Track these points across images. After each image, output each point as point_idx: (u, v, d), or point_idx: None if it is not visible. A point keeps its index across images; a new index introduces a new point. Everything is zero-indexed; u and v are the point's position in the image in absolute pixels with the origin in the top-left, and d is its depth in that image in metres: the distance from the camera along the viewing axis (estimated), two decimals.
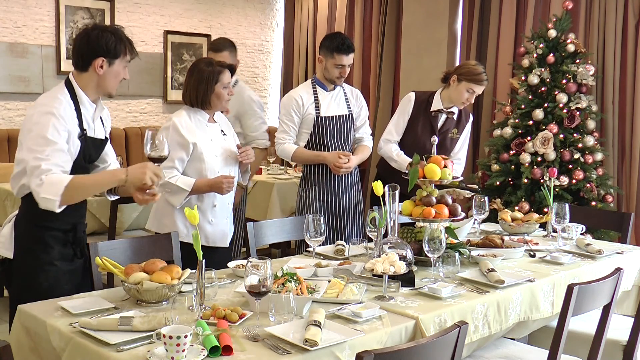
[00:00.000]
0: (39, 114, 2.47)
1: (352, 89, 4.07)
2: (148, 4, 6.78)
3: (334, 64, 3.81)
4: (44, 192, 2.37)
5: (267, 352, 1.91)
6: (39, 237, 2.58)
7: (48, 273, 2.58)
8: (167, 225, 3.24)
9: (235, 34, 7.50)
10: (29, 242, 2.58)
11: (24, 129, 2.50)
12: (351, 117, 3.97)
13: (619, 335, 2.96)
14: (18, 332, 2.23)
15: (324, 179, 3.90)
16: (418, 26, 6.20)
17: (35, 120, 2.45)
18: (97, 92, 2.63)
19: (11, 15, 5.93)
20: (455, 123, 4.07)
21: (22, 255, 2.59)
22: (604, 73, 5.11)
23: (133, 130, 6.59)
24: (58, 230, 2.61)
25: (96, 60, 2.55)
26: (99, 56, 2.55)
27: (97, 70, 2.56)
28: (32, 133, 2.44)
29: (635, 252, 3.34)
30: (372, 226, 2.88)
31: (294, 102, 3.86)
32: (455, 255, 2.77)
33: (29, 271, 2.57)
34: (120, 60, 2.60)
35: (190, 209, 2.27)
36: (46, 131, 2.43)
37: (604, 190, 4.77)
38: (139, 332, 1.99)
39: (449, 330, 1.89)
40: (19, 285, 2.59)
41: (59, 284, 2.58)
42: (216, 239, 3.31)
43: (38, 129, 2.44)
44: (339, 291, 2.40)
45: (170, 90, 7.00)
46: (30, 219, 2.58)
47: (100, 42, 2.55)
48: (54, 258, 2.60)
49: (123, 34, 2.63)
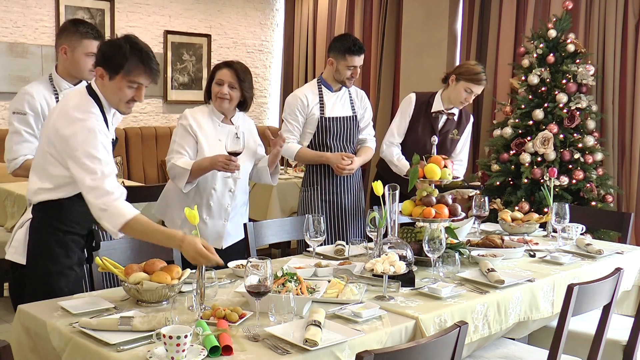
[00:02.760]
0: (83, 132, 2.40)
1: (358, 90, 4.06)
2: (148, 4, 6.78)
3: (345, 65, 3.80)
4: (105, 220, 2.37)
5: (267, 352, 1.91)
6: (62, 241, 2.55)
7: (68, 278, 2.56)
8: (168, 213, 3.41)
9: (235, 34, 7.50)
10: (50, 246, 2.54)
11: (67, 146, 2.41)
12: (355, 118, 3.97)
13: (619, 335, 2.96)
14: (18, 332, 2.22)
15: (326, 179, 3.90)
16: (418, 26, 6.21)
17: (81, 140, 2.39)
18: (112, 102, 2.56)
19: (11, 15, 5.93)
20: (456, 124, 4.06)
21: (41, 260, 2.54)
22: (604, 73, 5.11)
23: (133, 130, 6.59)
24: (78, 234, 2.61)
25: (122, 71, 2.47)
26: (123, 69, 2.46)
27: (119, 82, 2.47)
28: (79, 152, 2.39)
29: (635, 252, 3.34)
30: (372, 226, 2.88)
31: (299, 101, 3.85)
32: (455, 255, 2.77)
33: (49, 276, 2.53)
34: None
35: (189, 209, 2.27)
36: (94, 149, 2.39)
37: (604, 190, 4.77)
38: (139, 332, 1.99)
39: (449, 330, 1.89)
40: (36, 292, 2.49)
41: (77, 290, 2.56)
42: (208, 238, 3.32)
43: (86, 147, 2.39)
44: (339, 291, 2.40)
45: (170, 90, 7.00)
46: (51, 222, 2.54)
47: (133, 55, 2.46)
48: (74, 263, 2.59)
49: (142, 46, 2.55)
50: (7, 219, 4.61)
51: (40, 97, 3.10)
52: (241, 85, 3.31)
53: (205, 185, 3.33)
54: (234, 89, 3.31)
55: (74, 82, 3.17)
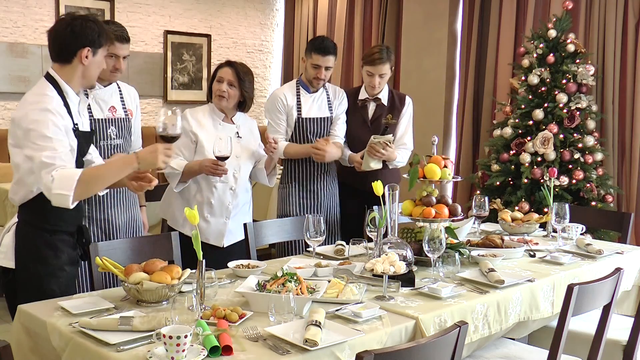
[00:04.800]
0: (35, 112, 2.39)
1: (337, 90, 4.04)
2: (148, 4, 6.78)
3: (311, 63, 3.80)
4: (55, 187, 2.30)
5: (267, 352, 1.91)
6: (49, 241, 2.53)
7: (60, 279, 2.54)
8: (170, 212, 3.44)
9: (235, 34, 7.50)
10: (38, 248, 2.52)
11: (20, 129, 2.41)
12: (332, 119, 3.97)
13: (619, 335, 2.96)
14: (18, 332, 2.22)
15: (304, 175, 3.91)
16: (418, 26, 6.21)
17: (33, 119, 2.37)
18: (81, 83, 2.57)
19: (11, 15, 5.93)
20: (388, 109, 4.00)
21: (30, 263, 2.52)
22: (604, 73, 5.11)
23: None
24: (65, 233, 2.59)
25: (82, 50, 2.49)
26: (85, 46, 2.49)
27: (83, 61, 2.50)
28: (32, 132, 2.36)
29: (635, 252, 3.34)
30: (372, 226, 2.88)
31: (279, 100, 3.86)
32: (455, 255, 2.77)
33: (39, 279, 2.51)
34: (102, 50, 2.56)
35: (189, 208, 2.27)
36: (46, 128, 2.36)
37: (604, 190, 4.77)
38: (139, 332, 1.99)
39: (449, 330, 1.89)
40: (28, 294, 2.47)
41: (69, 290, 2.55)
42: (209, 236, 3.35)
43: (37, 126, 2.36)
44: (339, 291, 2.40)
45: (170, 90, 7.00)
46: (36, 224, 2.52)
47: (85, 32, 2.48)
48: (64, 263, 2.57)
49: (102, 24, 2.59)
50: (8, 219, 4.62)
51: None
52: (241, 84, 3.32)
53: (206, 183, 3.35)
54: (233, 87, 3.32)
55: (103, 83, 3.16)
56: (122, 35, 3.13)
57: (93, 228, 3.12)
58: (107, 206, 3.17)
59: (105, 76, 3.13)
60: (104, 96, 3.18)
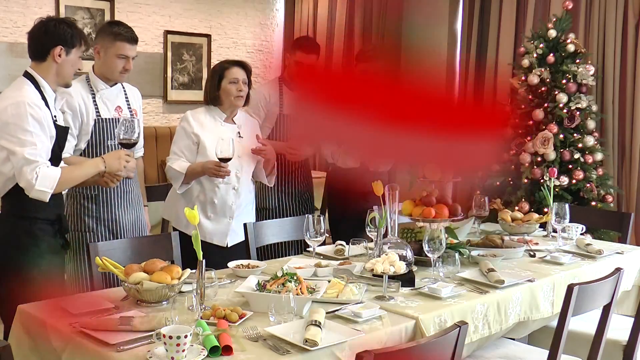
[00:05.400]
0: (12, 106, 2.52)
1: None
2: (148, 4, 6.78)
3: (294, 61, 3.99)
4: (39, 185, 2.49)
5: (267, 352, 1.91)
6: (28, 229, 2.61)
7: (40, 267, 2.60)
8: (174, 213, 3.44)
9: (235, 34, 7.50)
10: (17, 236, 2.60)
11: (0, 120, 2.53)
12: None
13: (619, 335, 2.96)
14: (18, 332, 2.23)
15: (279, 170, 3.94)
16: (418, 26, 6.20)
17: (11, 113, 2.51)
18: (55, 80, 2.71)
19: (11, 15, 5.93)
20: None
21: (11, 251, 2.60)
22: (604, 73, 5.10)
23: None
24: (45, 221, 2.65)
25: (55, 48, 2.64)
26: (57, 45, 2.65)
27: (56, 59, 2.66)
28: (11, 125, 2.50)
29: (635, 252, 3.34)
30: (372, 226, 2.88)
31: (262, 96, 3.97)
32: (455, 255, 2.77)
33: (20, 267, 2.58)
34: (76, 50, 2.70)
35: (191, 208, 2.27)
36: (26, 122, 2.50)
37: (604, 190, 4.77)
38: (139, 332, 1.99)
39: (449, 330, 1.89)
40: (11, 283, 2.56)
41: (55, 277, 2.62)
42: (213, 235, 3.35)
43: (15, 120, 2.50)
44: (339, 291, 2.40)
45: (170, 90, 6.99)
46: (15, 212, 2.61)
47: (58, 32, 2.66)
48: (44, 251, 2.63)
49: (77, 27, 2.74)
50: None
51: (78, 96, 3.16)
52: (249, 83, 3.45)
53: (209, 184, 3.36)
54: (246, 87, 3.42)
55: (109, 83, 3.20)
56: (132, 37, 3.17)
57: (100, 228, 3.19)
58: (114, 206, 3.25)
59: (115, 77, 3.19)
60: (110, 96, 3.23)
